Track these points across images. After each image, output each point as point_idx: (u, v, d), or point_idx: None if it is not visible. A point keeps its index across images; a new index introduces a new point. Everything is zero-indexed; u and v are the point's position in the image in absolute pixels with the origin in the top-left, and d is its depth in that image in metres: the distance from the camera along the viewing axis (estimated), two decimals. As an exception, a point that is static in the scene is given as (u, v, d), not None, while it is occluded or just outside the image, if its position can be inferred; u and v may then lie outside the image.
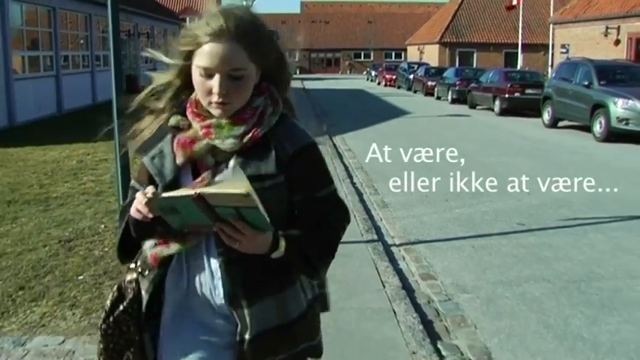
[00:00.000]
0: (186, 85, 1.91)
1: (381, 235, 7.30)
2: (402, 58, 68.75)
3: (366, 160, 12.66)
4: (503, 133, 17.75)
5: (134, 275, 1.97)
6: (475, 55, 51.79)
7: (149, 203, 1.73)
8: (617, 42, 22.97)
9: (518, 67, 36.67)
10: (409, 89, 39.90)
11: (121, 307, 1.96)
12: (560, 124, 19.02)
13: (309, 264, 1.88)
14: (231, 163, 1.84)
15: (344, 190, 9.26)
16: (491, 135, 17.39)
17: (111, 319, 1.97)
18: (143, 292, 1.94)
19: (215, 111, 1.84)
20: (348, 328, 4.50)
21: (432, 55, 52.94)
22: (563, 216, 8.14)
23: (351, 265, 5.85)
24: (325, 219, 1.92)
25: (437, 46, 52.34)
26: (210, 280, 1.87)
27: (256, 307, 1.85)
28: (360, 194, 9.54)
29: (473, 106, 26.26)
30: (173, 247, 1.86)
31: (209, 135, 1.85)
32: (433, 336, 4.59)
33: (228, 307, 1.87)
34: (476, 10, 54.02)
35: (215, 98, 1.81)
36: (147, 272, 1.93)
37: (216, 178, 1.84)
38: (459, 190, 9.86)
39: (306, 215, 1.91)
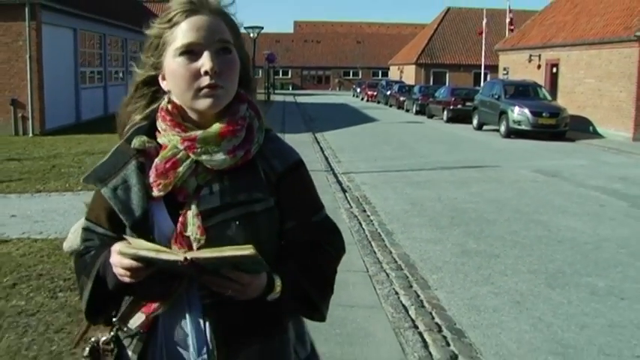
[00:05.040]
0: (152, 97, 1.67)
1: (333, 170, 13.88)
2: (388, 77, 75.00)
3: (335, 144, 19.23)
4: (438, 133, 24.41)
5: (111, 334, 1.64)
6: (447, 75, 58.39)
7: (122, 256, 1.45)
8: (539, 66, 29.65)
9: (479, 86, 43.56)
10: (386, 103, 46.67)
11: None
12: (485, 127, 25.59)
13: (309, 302, 1.65)
14: (217, 187, 1.57)
15: (318, 157, 15.73)
16: (429, 133, 24.06)
17: None
18: (130, 352, 1.61)
19: (205, 101, 1.52)
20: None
21: (410, 75, 59.54)
22: (434, 166, 14.67)
23: (314, 178, 12.38)
24: (322, 248, 1.69)
25: (414, 66, 59.04)
26: (190, 331, 1.56)
27: (240, 358, 1.58)
28: (326, 158, 16.05)
29: (430, 116, 32.85)
30: (158, 307, 1.57)
31: (193, 149, 1.54)
32: (345, 191, 11.17)
33: (210, 358, 1.56)
34: (449, 35, 60.79)
35: (206, 80, 1.50)
36: (125, 329, 1.62)
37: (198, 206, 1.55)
38: (385, 155, 16.45)
39: (301, 244, 1.67)
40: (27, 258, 6.69)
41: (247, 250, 1.37)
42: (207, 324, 1.55)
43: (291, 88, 78.87)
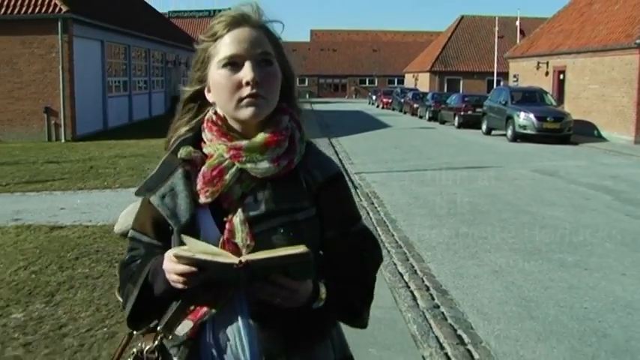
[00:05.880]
0: (197, 111, 1.75)
1: (346, 170, 15.00)
2: (404, 85, 75.81)
3: (349, 148, 20.41)
4: (448, 137, 25.52)
5: (155, 343, 1.67)
6: (461, 82, 59.37)
7: (177, 261, 1.48)
8: (547, 73, 30.70)
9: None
10: (400, 110, 47.81)
11: None
12: (494, 132, 26.63)
13: (351, 310, 1.72)
14: (262, 195, 1.62)
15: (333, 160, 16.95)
16: (439, 138, 25.20)
17: None
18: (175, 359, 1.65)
19: (246, 110, 1.60)
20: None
21: (424, 82, 60.57)
22: (440, 166, 15.80)
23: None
24: (361, 257, 1.74)
25: (428, 74, 60.13)
26: (239, 338, 1.60)
27: None
28: (341, 160, 17.21)
29: (442, 122, 33.92)
30: (205, 313, 1.60)
31: (238, 158, 1.62)
32: (356, 187, 12.32)
33: None
34: (462, 43, 61.84)
35: (247, 90, 1.58)
36: (170, 337, 1.64)
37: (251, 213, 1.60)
38: (396, 158, 17.61)
39: (341, 253, 1.71)
40: (83, 239, 7.91)
41: (300, 248, 1.41)
42: (256, 333, 1.59)
43: (307, 97, 79.97)
